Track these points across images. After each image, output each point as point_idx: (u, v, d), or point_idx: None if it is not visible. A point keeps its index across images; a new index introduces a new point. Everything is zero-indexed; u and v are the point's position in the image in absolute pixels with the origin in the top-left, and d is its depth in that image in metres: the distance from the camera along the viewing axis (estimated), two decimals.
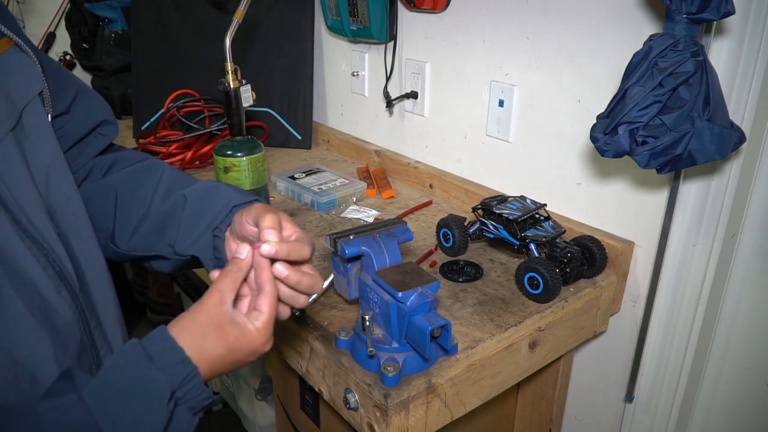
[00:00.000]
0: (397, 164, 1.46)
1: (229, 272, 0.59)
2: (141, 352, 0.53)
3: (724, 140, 0.81)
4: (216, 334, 0.56)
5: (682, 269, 1.01)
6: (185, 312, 0.58)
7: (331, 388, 0.85)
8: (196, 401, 0.55)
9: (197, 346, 0.55)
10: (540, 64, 1.12)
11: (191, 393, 0.54)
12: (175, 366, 0.53)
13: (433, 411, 0.80)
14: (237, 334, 0.57)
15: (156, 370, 0.52)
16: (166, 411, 0.51)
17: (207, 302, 0.57)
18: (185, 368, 0.54)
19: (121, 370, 0.52)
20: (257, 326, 0.59)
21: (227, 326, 0.57)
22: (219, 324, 0.57)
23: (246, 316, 0.59)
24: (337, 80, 1.66)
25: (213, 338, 0.56)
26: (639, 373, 1.10)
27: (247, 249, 0.61)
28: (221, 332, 0.57)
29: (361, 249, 0.79)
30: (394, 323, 0.75)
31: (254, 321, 0.59)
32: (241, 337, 0.58)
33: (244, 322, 0.58)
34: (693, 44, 0.79)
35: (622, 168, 1.04)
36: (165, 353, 0.54)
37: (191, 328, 0.56)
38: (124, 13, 1.89)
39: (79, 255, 0.65)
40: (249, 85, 1.11)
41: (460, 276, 1.01)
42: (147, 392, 0.51)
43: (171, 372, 0.53)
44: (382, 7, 1.34)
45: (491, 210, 1.02)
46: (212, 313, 0.57)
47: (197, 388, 0.55)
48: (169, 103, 1.58)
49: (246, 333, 0.58)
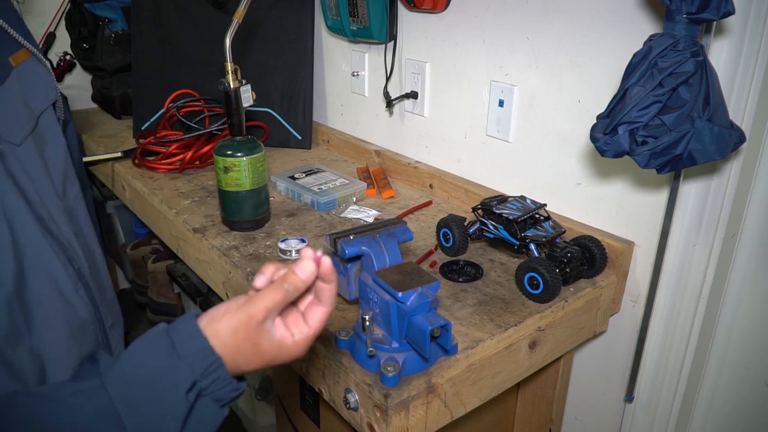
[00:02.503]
0: (397, 164, 1.46)
1: (283, 291, 0.55)
2: (165, 339, 0.52)
3: (724, 140, 0.81)
4: (251, 351, 0.54)
5: (682, 269, 1.01)
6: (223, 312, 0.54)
7: (331, 388, 0.85)
8: (222, 393, 0.53)
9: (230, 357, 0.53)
10: (540, 64, 1.12)
11: (216, 384, 0.53)
12: (198, 356, 0.51)
13: (433, 411, 0.80)
14: (274, 352, 0.55)
15: (177, 359, 0.50)
16: (186, 401, 0.50)
17: (250, 315, 0.53)
18: (208, 358, 0.52)
19: (143, 356, 0.51)
20: (296, 339, 0.56)
21: (264, 344, 0.54)
22: (256, 342, 0.54)
23: (287, 328, 0.57)
24: (337, 80, 1.66)
25: (247, 354, 0.54)
26: (639, 373, 1.10)
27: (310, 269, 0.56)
28: (257, 349, 0.54)
29: (361, 249, 0.79)
30: (394, 323, 0.75)
31: (296, 333, 0.57)
32: (278, 354, 0.56)
33: (283, 337, 0.56)
34: (693, 44, 0.79)
35: (622, 168, 1.04)
36: (189, 342, 0.52)
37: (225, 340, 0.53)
38: (124, 13, 1.89)
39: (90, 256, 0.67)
40: (249, 85, 1.11)
41: (460, 276, 1.01)
42: (167, 381, 0.50)
43: (193, 362, 0.51)
44: (382, 7, 1.34)
45: (491, 210, 1.02)
46: (252, 330, 0.53)
47: (222, 380, 0.53)
48: (169, 103, 1.58)
49: (283, 349, 0.56)
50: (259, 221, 1.19)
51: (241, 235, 1.16)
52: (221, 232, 1.17)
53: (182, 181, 1.42)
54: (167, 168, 1.47)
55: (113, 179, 1.56)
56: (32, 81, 0.65)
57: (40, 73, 0.67)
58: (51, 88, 0.68)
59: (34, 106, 0.64)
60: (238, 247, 1.11)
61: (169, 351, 0.51)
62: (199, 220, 1.22)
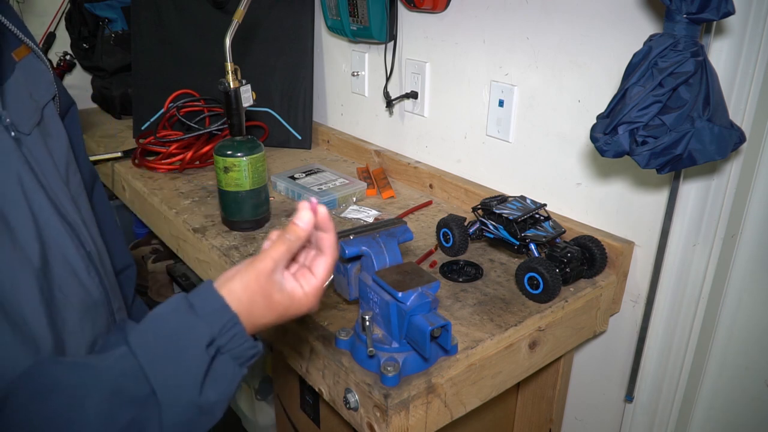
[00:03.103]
0: (397, 164, 1.46)
1: (286, 241, 0.59)
2: (183, 301, 0.55)
3: (724, 140, 0.81)
4: (264, 303, 0.57)
5: (682, 269, 1.01)
6: (234, 272, 0.57)
7: (331, 388, 0.85)
8: (240, 350, 0.55)
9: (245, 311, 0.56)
10: (540, 64, 1.12)
11: (234, 342, 0.55)
12: (215, 314, 0.54)
13: (433, 411, 0.80)
14: (286, 303, 0.58)
15: (195, 317, 0.53)
16: (206, 356, 0.52)
17: (259, 269, 0.57)
18: (225, 315, 0.54)
19: (163, 317, 0.54)
20: (307, 290, 0.59)
21: (276, 295, 0.57)
22: (268, 293, 0.57)
23: (297, 279, 0.60)
24: (337, 80, 1.66)
25: (261, 307, 0.57)
26: (639, 373, 1.10)
27: (308, 217, 0.60)
28: (270, 301, 0.57)
29: (361, 249, 0.79)
30: (394, 323, 0.75)
31: (305, 285, 0.59)
32: (290, 305, 0.58)
33: (293, 289, 0.59)
34: (693, 44, 0.79)
35: (622, 168, 1.04)
36: (206, 302, 0.55)
37: (239, 295, 0.56)
38: (124, 13, 1.89)
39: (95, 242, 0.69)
40: (249, 85, 1.11)
41: (460, 276, 1.01)
42: (186, 337, 0.52)
43: (211, 319, 0.54)
44: (382, 7, 1.34)
45: (491, 210, 1.02)
46: (263, 281, 0.57)
47: (240, 337, 0.55)
48: (169, 103, 1.58)
49: (294, 299, 0.59)
50: (259, 221, 1.19)
51: (241, 235, 1.16)
52: (221, 232, 1.17)
53: (182, 181, 1.42)
54: (167, 168, 1.47)
55: (113, 179, 1.56)
56: (34, 75, 0.67)
57: (41, 69, 0.69)
58: (50, 83, 0.70)
59: (38, 99, 0.66)
60: (238, 247, 1.11)
61: (187, 310, 0.54)
62: (199, 220, 1.22)
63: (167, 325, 0.54)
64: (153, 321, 0.54)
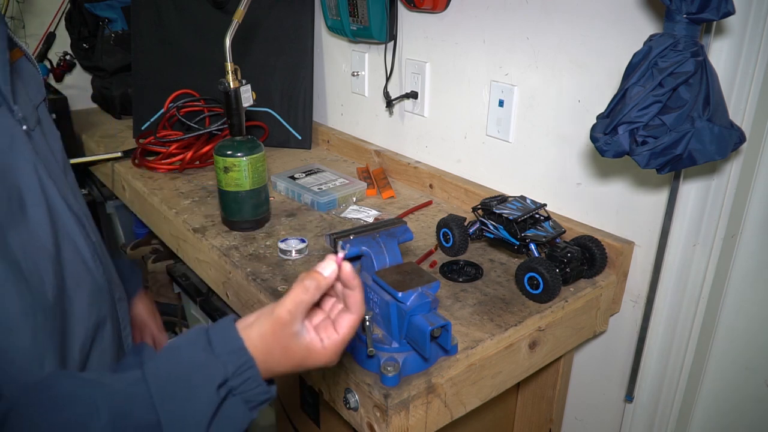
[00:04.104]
0: (397, 164, 1.46)
1: (307, 289, 0.56)
2: (203, 336, 0.54)
3: (724, 140, 0.81)
4: (281, 352, 0.56)
5: (682, 269, 1.01)
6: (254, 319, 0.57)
7: (331, 388, 0.85)
8: (251, 394, 0.55)
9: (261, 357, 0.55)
10: (540, 64, 1.12)
11: (247, 385, 0.54)
12: (232, 354, 0.54)
13: (433, 411, 0.80)
14: (303, 353, 0.57)
15: (212, 355, 0.53)
16: (217, 396, 0.52)
17: (276, 318, 0.56)
18: (241, 358, 0.54)
19: (180, 350, 0.54)
20: (326, 344, 0.58)
21: (293, 346, 0.56)
22: (285, 344, 0.56)
23: (317, 332, 0.58)
24: (337, 80, 1.66)
25: (277, 355, 0.56)
26: (639, 373, 1.10)
27: (332, 269, 0.58)
28: (286, 352, 0.56)
29: (361, 249, 0.79)
30: (394, 323, 0.75)
31: (325, 339, 0.58)
32: (307, 356, 0.57)
33: (312, 341, 0.57)
34: (693, 44, 0.79)
35: (622, 168, 1.04)
36: (225, 341, 0.54)
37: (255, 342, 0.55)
38: (124, 13, 1.89)
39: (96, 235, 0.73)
40: (249, 85, 1.11)
41: (460, 276, 1.01)
42: (200, 374, 0.52)
43: (226, 360, 0.53)
44: (382, 7, 1.34)
45: (491, 210, 1.02)
46: (278, 331, 0.56)
47: (253, 381, 0.55)
48: (169, 103, 1.58)
49: (312, 351, 0.57)
50: (259, 221, 1.19)
51: (241, 235, 1.16)
52: (221, 232, 1.17)
53: (182, 181, 1.42)
54: (167, 168, 1.47)
55: (113, 179, 1.56)
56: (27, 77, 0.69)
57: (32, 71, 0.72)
58: (41, 84, 0.73)
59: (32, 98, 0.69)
60: (238, 247, 1.11)
61: (205, 347, 0.54)
62: (199, 220, 1.22)
63: (183, 359, 0.53)
64: (170, 352, 0.54)
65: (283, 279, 1.00)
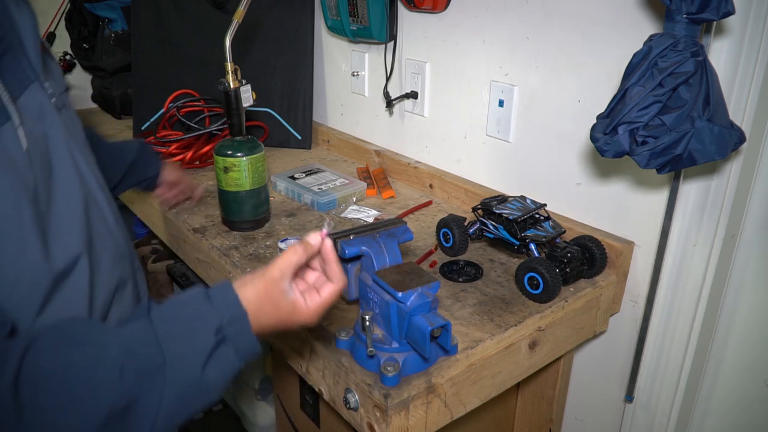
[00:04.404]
0: (397, 164, 1.46)
1: (296, 252, 0.66)
2: (202, 292, 0.62)
3: (724, 140, 0.81)
4: (270, 306, 0.64)
5: (682, 269, 1.01)
6: (248, 279, 0.65)
7: (331, 388, 0.85)
8: (242, 344, 0.62)
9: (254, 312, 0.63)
10: (540, 64, 1.12)
11: (239, 335, 0.61)
12: (228, 307, 0.61)
13: (433, 411, 0.80)
14: (289, 309, 0.65)
15: (210, 306, 0.61)
16: (213, 339, 0.59)
17: (268, 276, 0.65)
18: (236, 311, 0.61)
19: (182, 302, 0.62)
20: (309, 305, 0.67)
21: (282, 302, 0.65)
22: (275, 298, 0.64)
23: (302, 293, 0.67)
24: (337, 80, 1.66)
25: (268, 309, 0.64)
26: (639, 373, 1.10)
27: (318, 239, 0.69)
28: (275, 305, 0.64)
29: (361, 249, 0.79)
30: (394, 323, 0.75)
31: (309, 300, 0.67)
32: (292, 313, 0.66)
33: (297, 299, 0.66)
34: (693, 44, 0.79)
35: (622, 168, 1.04)
36: (221, 296, 0.62)
37: (249, 298, 0.63)
38: (124, 13, 1.89)
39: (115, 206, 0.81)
40: (249, 85, 1.11)
41: (460, 276, 1.01)
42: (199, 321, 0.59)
43: (223, 311, 0.61)
44: (382, 7, 1.34)
45: (491, 210, 1.02)
46: (270, 287, 0.64)
47: (245, 332, 0.62)
48: (169, 103, 1.58)
49: (297, 308, 0.66)
50: (259, 221, 1.19)
51: (241, 235, 1.16)
52: (221, 232, 1.17)
53: None
54: None
55: None
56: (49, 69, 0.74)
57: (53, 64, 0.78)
58: (61, 76, 0.79)
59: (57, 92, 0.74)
60: (238, 247, 1.11)
61: (204, 299, 0.61)
62: (199, 220, 1.22)
63: (185, 308, 0.61)
64: (173, 303, 0.61)
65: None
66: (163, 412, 0.55)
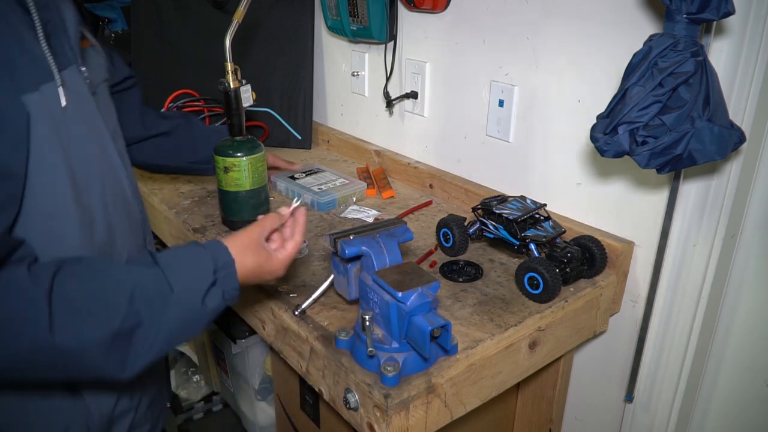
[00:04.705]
0: (397, 164, 1.46)
1: (271, 217, 0.83)
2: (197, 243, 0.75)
3: (724, 140, 0.81)
4: (252, 251, 0.78)
5: (682, 269, 1.01)
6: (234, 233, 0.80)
7: (331, 388, 0.85)
8: (228, 287, 0.73)
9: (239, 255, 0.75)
10: (540, 64, 1.12)
11: (227, 279, 0.73)
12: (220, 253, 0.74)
13: (433, 411, 0.80)
14: (266, 255, 0.79)
15: (206, 251, 0.73)
16: (211, 277, 0.71)
17: (251, 230, 0.80)
18: (226, 256, 0.74)
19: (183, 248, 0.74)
20: (279, 257, 0.81)
21: (261, 249, 0.79)
22: (256, 245, 0.79)
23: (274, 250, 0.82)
24: (337, 80, 1.66)
25: (250, 253, 0.77)
26: (639, 373, 1.10)
27: (287, 211, 0.86)
28: (256, 251, 0.78)
29: (361, 249, 0.79)
30: (394, 323, 0.75)
31: (278, 253, 0.82)
32: (268, 259, 0.80)
33: (272, 250, 0.81)
34: (693, 44, 0.79)
35: (622, 168, 1.04)
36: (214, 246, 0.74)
37: (236, 243, 0.77)
38: (124, 13, 1.89)
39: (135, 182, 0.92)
40: (249, 85, 1.11)
41: (460, 276, 1.01)
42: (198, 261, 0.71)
43: (216, 256, 0.73)
44: (382, 7, 1.34)
45: (491, 210, 1.02)
46: (254, 237, 0.79)
47: (232, 276, 0.74)
48: (169, 103, 1.58)
49: (271, 258, 0.80)
50: None
51: None
52: (221, 232, 1.17)
53: (182, 181, 1.42)
54: None
55: None
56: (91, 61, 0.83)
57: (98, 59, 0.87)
58: (104, 69, 0.88)
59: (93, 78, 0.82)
60: None
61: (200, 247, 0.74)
62: (199, 220, 1.22)
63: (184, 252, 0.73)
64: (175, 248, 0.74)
65: (283, 279, 1.00)
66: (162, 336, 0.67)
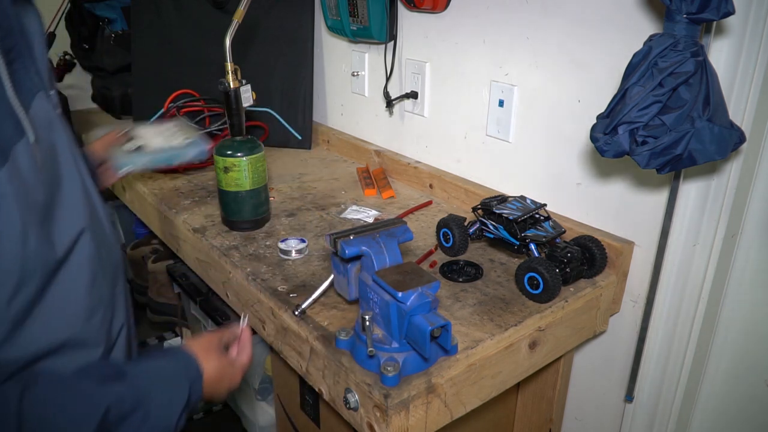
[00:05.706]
0: (397, 164, 1.46)
1: (228, 331, 0.88)
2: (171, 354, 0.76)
3: (724, 140, 0.81)
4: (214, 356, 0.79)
5: (682, 269, 1.01)
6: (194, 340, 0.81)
7: (331, 388, 0.85)
8: (194, 398, 0.73)
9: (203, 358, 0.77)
10: (540, 64, 1.12)
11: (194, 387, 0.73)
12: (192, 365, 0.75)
13: (433, 411, 0.80)
14: (226, 362, 0.81)
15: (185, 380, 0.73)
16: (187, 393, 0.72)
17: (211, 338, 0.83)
18: (198, 370, 0.75)
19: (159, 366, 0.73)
20: (236, 363, 0.84)
21: (221, 356, 0.81)
22: (217, 351, 0.81)
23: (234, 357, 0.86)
24: (337, 80, 1.66)
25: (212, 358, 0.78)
26: (639, 373, 1.10)
27: (243, 325, 0.90)
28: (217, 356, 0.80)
29: (361, 249, 0.79)
30: (394, 323, 0.75)
31: (236, 361, 0.85)
32: (228, 366, 0.82)
33: (230, 358, 0.84)
34: (693, 44, 0.79)
35: (622, 168, 1.04)
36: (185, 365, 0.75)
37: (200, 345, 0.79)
38: (124, 13, 1.89)
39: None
40: (249, 85, 1.11)
41: (460, 276, 1.01)
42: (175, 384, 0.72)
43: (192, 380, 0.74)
44: (382, 7, 1.34)
45: (491, 210, 1.02)
46: (214, 344, 0.82)
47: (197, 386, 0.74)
48: (169, 103, 1.58)
49: (231, 364, 0.83)
50: (259, 221, 1.19)
51: (241, 235, 1.16)
52: (221, 232, 1.17)
53: (182, 181, 1.42)
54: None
55: None
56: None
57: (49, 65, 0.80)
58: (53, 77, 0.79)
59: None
60: (238, 247, 1.11)
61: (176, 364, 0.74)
62: (199, 220, 1.22)
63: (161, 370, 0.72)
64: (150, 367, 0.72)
65: (283, 279, 1.00)
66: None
